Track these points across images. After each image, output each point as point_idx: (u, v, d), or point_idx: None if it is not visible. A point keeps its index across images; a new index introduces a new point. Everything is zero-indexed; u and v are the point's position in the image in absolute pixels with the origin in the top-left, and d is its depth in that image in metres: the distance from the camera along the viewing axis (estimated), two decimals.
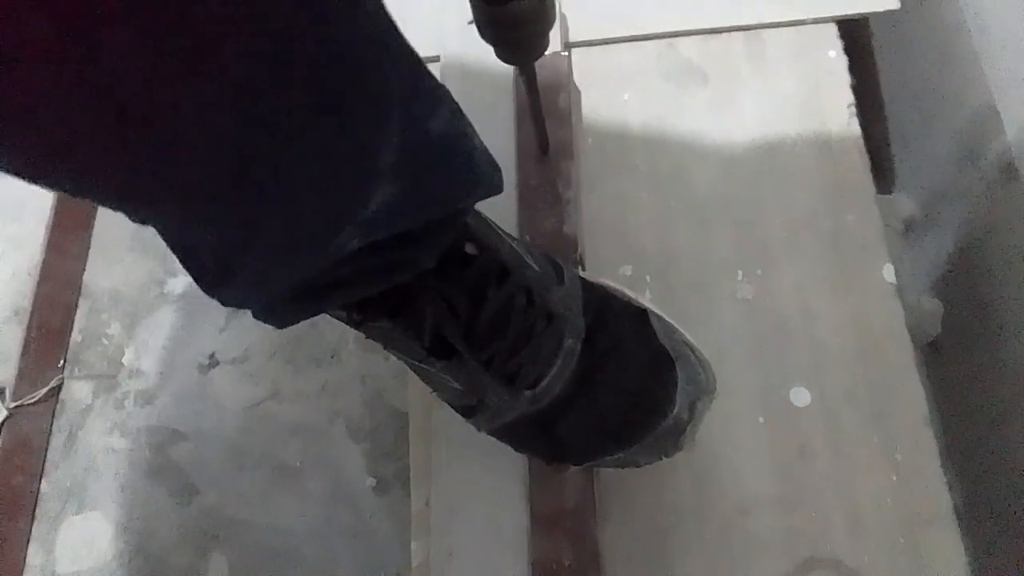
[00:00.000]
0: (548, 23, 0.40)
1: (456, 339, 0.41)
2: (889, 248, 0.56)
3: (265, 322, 0.39)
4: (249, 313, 0.71)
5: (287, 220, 0.32)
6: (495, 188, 0.42)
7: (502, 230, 0.45)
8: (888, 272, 0.54)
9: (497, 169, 0.42)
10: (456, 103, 0.42)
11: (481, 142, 0.43)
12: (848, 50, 0.77)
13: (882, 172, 0.79)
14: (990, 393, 0.65)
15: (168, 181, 0.28)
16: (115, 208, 0.30)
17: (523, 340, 0.42)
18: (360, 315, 0.41)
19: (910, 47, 0.71)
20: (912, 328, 0.55)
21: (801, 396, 0.52)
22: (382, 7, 0.31)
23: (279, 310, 0.38)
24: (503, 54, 0.42)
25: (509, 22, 0.38)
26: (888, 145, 0.77)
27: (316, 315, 0.39)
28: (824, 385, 0.53)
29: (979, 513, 0.70)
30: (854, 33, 0.77)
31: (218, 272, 0.35)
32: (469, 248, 0.41)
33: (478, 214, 0.44)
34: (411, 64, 0.34)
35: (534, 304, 0.42)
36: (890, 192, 0.77)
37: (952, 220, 0.67)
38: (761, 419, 0.52)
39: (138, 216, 0.32)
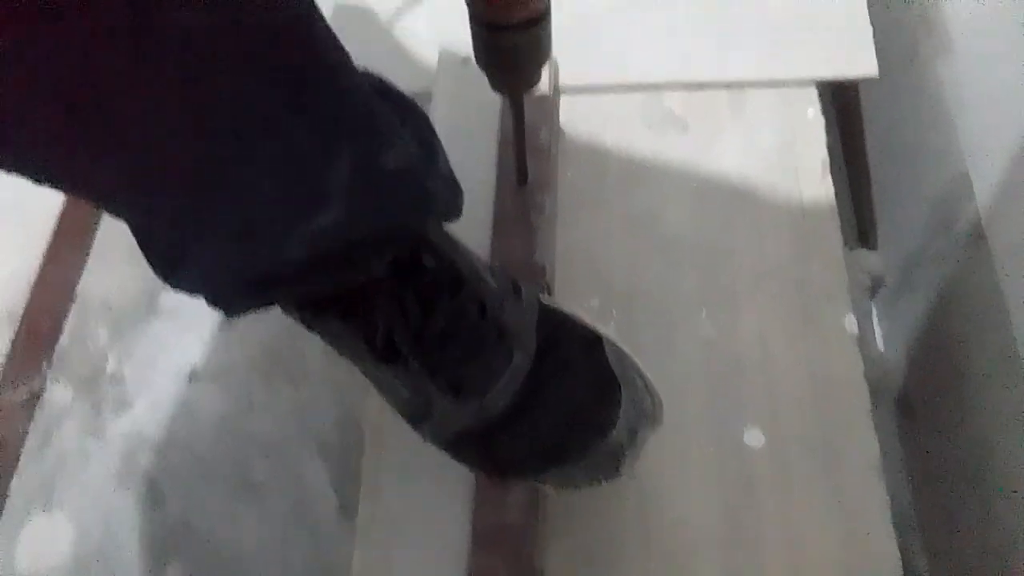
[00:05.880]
0: (542, 56, 0.42)
1: (404, 344, 0.42)
2: (853, 301, 0.56)
3: (215, 308, 0.40)
4: (233, 328, 0.73)
5: (235, 223, 0.33)
6: (452, 212, 0.44)
7: (463, 245, 0.46)
8: (850, 323, 0.55)
9: (458, 194, 0.44)
10: (425, 134, 0.44)
11: (447, 167, 0.45)
12: (837, 111, 0.79)
13: (866, 233, 0.80)
14: (956, 460, 0.64)
15: (125, 176, 0.29)
16: (81, 197, 0.32)
17: (472, 351, 0.43)
18: (312, 313, 0.42)
19: (895, 111, 0.73)
20: (874, 381, 0.55)
21: (755, 437, 0.53)
22: (338, 54, 0.32)
23: (229, 298, 0.40)
24: (496, 82, 0.44)
25: (507, 50, 0.40)
26: (871, 206, 0.78)
27: (265, 306, 0.41)
28: (778, 428, 0.53)
29: None
30: (843, 95, 0.79)
31: (171, 259, 0.37)
32: (427, 258, 0.43)
33: (440, 227, 0.45)
34: (364, 102, 0.36)
35: (486, 317, 0.43)
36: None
37: (926, 283, 0.68)
38: (713, 457, 0.52)
39: (102, 206, 0.33)
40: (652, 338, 0.56)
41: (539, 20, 0.38)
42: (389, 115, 0.38)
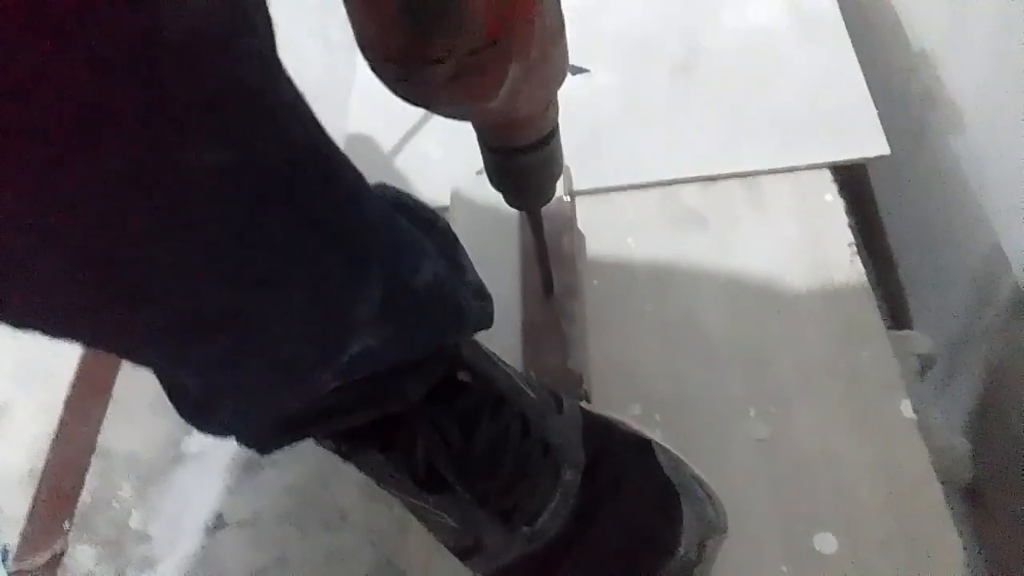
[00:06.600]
0: (554, 174, 0.42)
1: (448, 471, 0.40)
2: (907, 384, 0.54)
3: (248, 448, 0.38)
4: (260, 474, 0.70)
5: (262, 365, 0.31)
6: (485, 323, 0.42)
7: (497, 358, 0.44)
8: (906, 408, 0.52)
9: (488, 302, 0.43)
10: (449, 246, 0.43)
11: (475, 276, 0.44)
12: (850, 197, 0.79)
13: (899, 316, 0.78)
14: None
15: (148, 329, 0.27)
16: (102, 349, 0.30)
17: (519, 472, 0.40)
18: (348, 446, 0.40)
19: (911, 194, 0.73)
20: (944, 470, 0.52)
21: (827, 542, 0.49)
22: (355, 178, 0.32)
23: (262, 438, 0.38)
24: (512, 200, 0.44)
25: (517, 172, 0.40)
26: (902, 289, 0.76)
27: (300, 441, 0.38)
28: (850, 530, 0.49)
29: None
30: (853, 181, 0.79)
31: (200, 405, 0.35)
32: (462, 375, 0.41)
33: (472, 341, 0.44)
34: (387, 223, 0.35)
35: (530, 433, 0.41)
36: None
37: (975, 362, 0.65)
38: (785, 568, 0.48)
39: (125, 357, 0.32)
40: (702, 443, 0.53)
41: (548, 140, 0.39)
42: (413, 231, 0.37)
